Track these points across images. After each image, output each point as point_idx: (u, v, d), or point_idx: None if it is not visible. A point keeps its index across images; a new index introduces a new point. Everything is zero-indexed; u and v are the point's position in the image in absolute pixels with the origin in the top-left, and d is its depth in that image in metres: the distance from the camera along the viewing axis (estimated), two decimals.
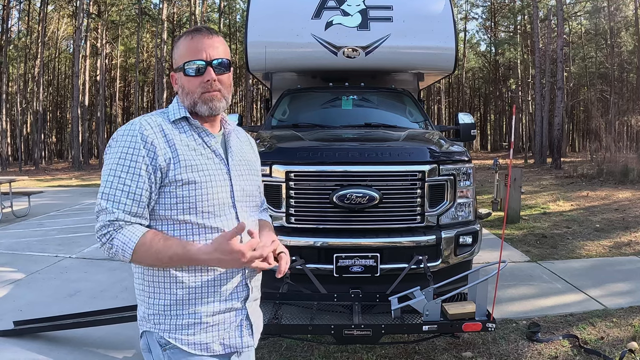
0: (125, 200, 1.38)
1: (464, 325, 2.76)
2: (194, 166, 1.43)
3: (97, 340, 3.68)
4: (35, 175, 21.46)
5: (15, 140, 32.83)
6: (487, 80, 43.33)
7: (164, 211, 1.43)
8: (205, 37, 1.49)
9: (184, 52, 1.49)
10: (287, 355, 3.46)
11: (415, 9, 5.55)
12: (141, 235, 1.36)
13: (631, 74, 30.36)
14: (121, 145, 1.41)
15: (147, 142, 1.41)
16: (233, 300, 1.49)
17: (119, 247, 1.36)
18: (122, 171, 1.39)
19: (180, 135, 1.47)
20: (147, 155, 1.40)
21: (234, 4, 37.12)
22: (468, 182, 3.53)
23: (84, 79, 31.02)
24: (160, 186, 1.42)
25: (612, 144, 16.95)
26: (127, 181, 1.38)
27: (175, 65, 1.53)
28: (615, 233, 7.34)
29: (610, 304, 4.34)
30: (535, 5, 24.02)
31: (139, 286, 1.50)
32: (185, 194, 1.42)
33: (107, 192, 1.38)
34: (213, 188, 1.45)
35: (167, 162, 1.41)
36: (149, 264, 1.42)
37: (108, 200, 1.38)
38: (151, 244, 1.36)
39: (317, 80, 5.92)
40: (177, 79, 1.53)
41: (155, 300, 1.46)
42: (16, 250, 6.66)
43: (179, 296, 1.44)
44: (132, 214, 1.39)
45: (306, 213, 3.32)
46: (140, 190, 1.39)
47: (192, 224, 1.43)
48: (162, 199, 1.43)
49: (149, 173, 1.40)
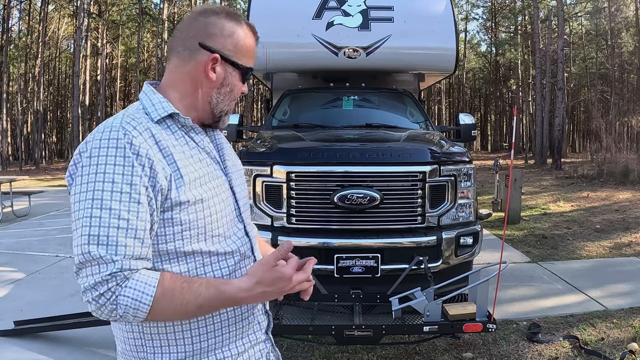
0: (125, 241, 0.99)
1: (464, 326, 2.77)
2: (197, 179, 1.11)
3: (97, 340, 3.68)
4: (35, 174, 21.46)
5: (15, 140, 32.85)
6: (487, 81, 43.33)
7: (165, 245, 1.08)
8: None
9: (249, 51, 1.21)
10: (288, 355, 3.46)
11: (416, 10, 5.56)
12: (157, 284, 1.01)
13: (632, 75, 30.34)
14: (103, 162, 1.01)
15: (140, 155, 1.03)
16: (257, 332, 1.25)
17: (129, 306, 0.98)
18: (113, 200, 1.00)
19: (172, 140, 1.12)
20: (144, 173, 1.03)
21: (234, 4, 37.14)
22: (469, 183, 3.53)
23: (85, 79, 31.04)
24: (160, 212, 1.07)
25: (612, 144, 16.95)
26: (124, 213, 1.00)
27: (234, 55, 1.17)
28: (616, 234, 7.34)
29: (611, 305, 4.34)
30: (535, 6, 24.03)
31: (134, 341, 1.12)
32: (192, 218, 1.09)
33: (97, 233, 0.98)
34: (220, 204, 1.15)
35: (169, 180, 1.06)
36: (169, 318, 1.08)
37: (100, 245, 0.98)
38: (174, 292, 1.02)
39: (318, 80, 5.92)
40: (228, 74, 1.18)
41: (162, 356, 1.12)
42: (16, 250, 6.67)
43: (195, 346, 1.12)
44: (137, 257, 1.01)
45: (307, 213, 3.32)
46: (142, 223, 1.02)
47: (201, 254, 1.12)
48: (162, 228, 1.08)
49: (149, 198, 1.03)
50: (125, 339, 1.14)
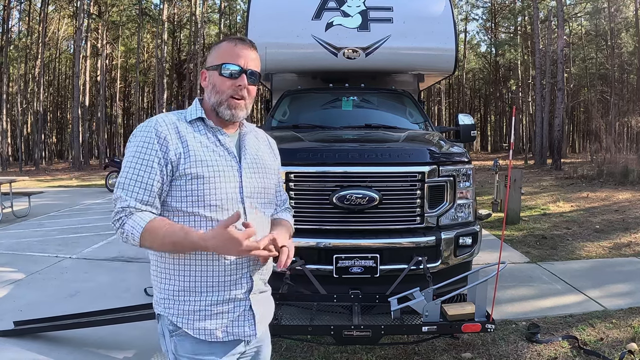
0: (138, 190, 1.49)
1: (463, 326, 2.76)
2: (203, 161, 1.53)
3: (97, 341, 3.68)
4: (35, 175, 21.48)
5: (15, 141, 32.86)
6: (487, 81, 43.36)
7: (175, 203, 1.53)
8: (247, 48, 1.61)
9: (224, 54, 1.60)
10: (287, 355, 3.46)
11: (416, 10, 5.56)
12: (149, 221, 1.46)
13: (631, 75, 30.36)
14: (138, 140, 1.53)
15: (160, 137, 1.52)
16: (237, 291, 1.57)
17: (129, 231, 1.46)
18: (136, 163, 1.50)
19: (194, 133, 1.57)
20: (160, 149, 1.51)
21: (234, 4, 37.14)
22: (468, 183, 3.53)
23: (85, 80, 31.05)
24: (172, 179, 1.52)
25: (612, 145, 16.95)
26: (141, 172, 1.50)
27: (210, 63, 1.62)
28: (615, 234, 7.34)
29: (610, 305, 4.35)
30: (535, 6, 24.04)
31: (153, 272, 1.61)
32: (194, 188, 1.51)
33: (123, 182, 1.51)
34: (221, 183, 1.54)
35: (178, 156, 1.51)
36: (157, 249, 1.51)
37: (123, 189, 1.50)
38: (157, 229, 1.45)
39: (318, 81, 5.92)
40: (209, 76, 1.62)
41: (166, 285, 1.56)
42: (16, 250, 6.67)
43: (186, 284, 1.54)
44: (143, 202, 1.49)
45: (306, 214, 3.32)
46: (152, 181, 1.49)
47: (200, 216, 1.52)
48: (173, 191, 1.53)
49: (160, 166, 1.50)
50: (151, 269, 1.62)
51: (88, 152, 30.98)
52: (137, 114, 35.53)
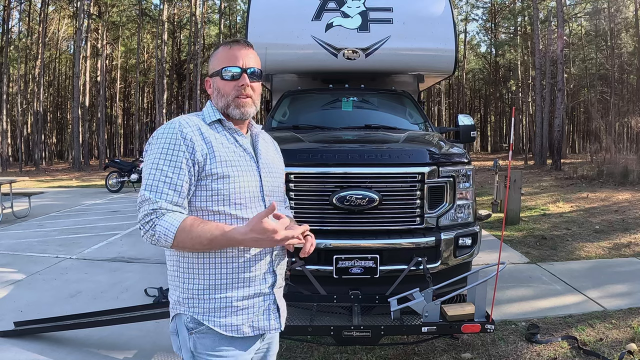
0: (167, 191, 1.49)
1: (463, 327, 2.77)
2: (228, 162, 1.57)
3: (98, 341, 3.69)
4: (35, 175, 21.48)
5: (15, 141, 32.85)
6: (487, 82, 43.34)
7: (200, 203, 1.55)
8: (243, 48, 1.66)
9: (222, 58, 1.65)
10: (287, 356, 3.46)
11: (415, 11, 5.56)
12: (182, 221, 1.46)
13: (631, 76, 30.35)
14: (162, 141, 1.53)
15: (186, 139, 1.53)
16: (262, 285, 1.61)
17: (161, 232, 1.45)
18: (164, 164, 1.50)
19: (215, 135, 1.61)
20: (187, 150, 1.52)
21: (234, 5, 37.14)
22: (468, 184, 3.53)
23: (85, 80, 31.05)
24: (198, 179, 1.54)
25: (612, 145, 16.96)
26: (169, 173, 1.50)
27: (212, 70, 1.67)
28: (615, 234, 7.35)
29: (610, 306, 4.35)
30: (535, 7, 24.04)
31: (173, 272, 1.61)
32: (220, 187, 1.54)
33: (151, 184, 1.50)
34: (244, 182, 1.58)
35: (204, 157, 1.54)
36: (190, 248, 1.50)
37: (151, 191, 1.49)
38: (191, 228, 1.45)
39: (317, 81, 5.93)
40: (213, 83, 1.67)
41: (189, 285, 1.56)
42: (17, 250, 6.68)
43: (211, 281, 1.55)
44: (174, 203, 1.49)
45: (306, 214, 3.32)
46: (181, 182, 1.50)
47: (225, 215, 1.55)
48: (199, 191, 1.55)
49: (188, 166, 1.52)
50: (170, 270, 1.62)
51: (88, 152, 30.98)
52: (137, 115, 35.54)
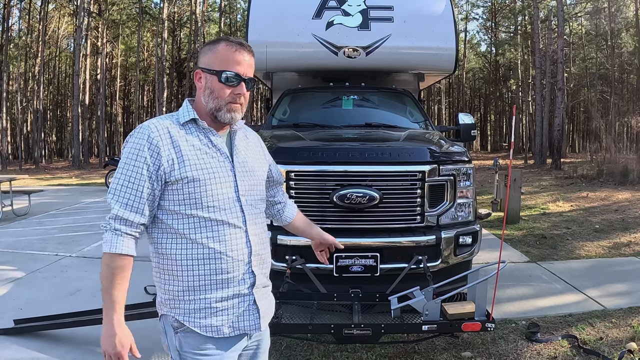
0: (126, 194, 1.52)
1: (463, 325, 2.77)
2: (197, 164, 1.56)
3: (97, 339, 3.64)
4: (35, 173, 21.46)
5: (15, 139, 32.85)
6: (487, 81, 43.31)
7: (173, 206, 1.56)
8: (246, 54, 1.65)
9: (224, 59, 1.61)
10: (287, 354, 3.46)
11: (416, 10, 5.56)
12: (114, 252, 1.50)
13: (631, 75, 30.33)
14: (130, 145, 1.56)
15: (152, 144, 1.54)
16: (240, 286, 1.61)
17: (105, 241, 1.53)
18: (127, 169, 1.53)
19: (187, 137, 1.59)
20: (151, 156, 1.53)
21: (234, 3, 37.11)
22: (468, 183, 3.53)
23: (85, 78, 31.02)
24: (167, 183, 1.55)
25: (612, 144, 16.94)
26: (131, 179, 1.53)
27: (207, 65, 1.62)
28: (615, 234, 7.35)
29: (610, 305, 4.35)
30: (535, 6, 24.03)
31: (155, 273, 1.64)
32: (191, 191, 1.54)
33: (114, 187, 1.54)
34: (217, 185, 1.57)
35: (171, 162, 1.54)
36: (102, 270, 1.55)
37: (113, 194, 1.54)
38: (108, 268, 1.51)
39: (318, 80, 5.92)
40: (207, 80, 1.62)
41: (169, 287, 1.59)
42: (16, 248, 6.67)
43: (189, 283, 1.56)
44: (130, 207, 1.52)
45: (306, 212, 3.29)
46: (141, 187, 1.52)
47: (199, 218, 1.56)
48: (170, 195, 1.56)
49: (150, 172, 1.53)
50: (154, 271, 1.65)
51: (88, 150, 30.96)
52: (137, 113, 35.52)
